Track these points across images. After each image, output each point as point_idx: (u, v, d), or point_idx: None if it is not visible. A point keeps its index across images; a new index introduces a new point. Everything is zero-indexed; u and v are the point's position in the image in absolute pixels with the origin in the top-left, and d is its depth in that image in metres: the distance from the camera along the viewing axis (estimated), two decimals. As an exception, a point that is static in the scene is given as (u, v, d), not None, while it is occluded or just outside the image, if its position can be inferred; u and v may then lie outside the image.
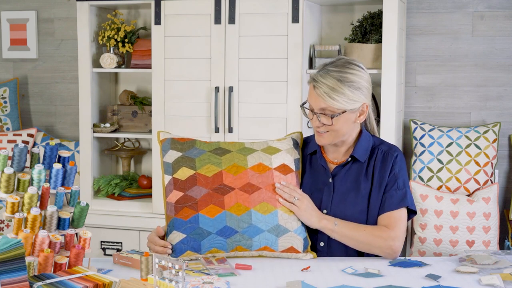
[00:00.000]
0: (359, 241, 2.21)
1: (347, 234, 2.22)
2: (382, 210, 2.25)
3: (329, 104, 2.17)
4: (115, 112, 4.02)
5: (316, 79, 2.20)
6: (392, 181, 2.27)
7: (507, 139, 3.82)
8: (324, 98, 2.17)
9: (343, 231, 2.22)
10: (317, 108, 2.21)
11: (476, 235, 3.48)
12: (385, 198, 2.26)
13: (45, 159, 2.04)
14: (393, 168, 2.28)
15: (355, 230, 2.22)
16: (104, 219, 3.81)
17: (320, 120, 2.21)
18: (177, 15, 3.66)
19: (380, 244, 2.20)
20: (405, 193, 2.26)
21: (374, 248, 2.22)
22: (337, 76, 2.18)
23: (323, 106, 2.19)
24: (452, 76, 3.87)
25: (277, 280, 1.99)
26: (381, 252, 2.22)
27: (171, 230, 2.19)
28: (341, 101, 2.17)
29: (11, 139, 4.19)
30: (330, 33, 3.91)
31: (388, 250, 2.21)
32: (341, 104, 2.18)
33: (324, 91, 2.17)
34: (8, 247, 1.68)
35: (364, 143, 2.32)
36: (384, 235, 2.20)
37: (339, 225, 2.22)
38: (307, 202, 2.23)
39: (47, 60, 4.48)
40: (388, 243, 2.20)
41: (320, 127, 2.23)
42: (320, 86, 2.18)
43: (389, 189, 2.26)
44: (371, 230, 2.22)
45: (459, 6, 3.83)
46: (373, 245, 2.21)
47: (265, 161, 2.28)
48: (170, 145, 2.32)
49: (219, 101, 3.61)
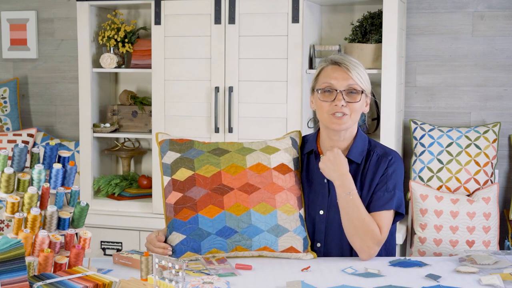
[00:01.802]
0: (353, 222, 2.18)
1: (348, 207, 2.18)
2: (368, 210, 2.24)
3: (356, 80, 2.23)
4: (115, 112, 4.02)
5: (337, 60, 2.27)
6: (383, 182, 2.26)
7: (507, 139, 3.82)
8: (352, 74, 2.23)
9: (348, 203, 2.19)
10: (345, 85, 2.24)
11: (476, 235, 3.48)
12: (373, 198, 2.25)
13: (45, 159, 2.04)
14: (386, 170, 2.27)
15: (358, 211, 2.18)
16: (104, 219, 3.81)
17: (345, 99, 2.23)
18: (177, 15, 3.66)
19: (365, 238, 2.18)
20: (393, 195, 2.24)
21: (356, 236, 2.18)
22: (355, 59, 2.29)
23: (351, 83, 2.24)
24: (452, 76, 3.87)
25: (277, 280, 2.00)
26: (359, 246, 2.19)
27: (170, 231, 2.19)
28: (364, 78, 2.27)
29: (11, 139, 4.19)
30: (330, 33, 3.91)
31: (365, 248, 2.19)
32: (364, 83, 2.26)
33: (353, 67, 2.24)
34: (8, 247, 1.68)
35: (360, 143, 2.31)
36: (373, 234, 2.18)
37: (351, 196, 2.19)
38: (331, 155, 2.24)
39: (47, 60, 4.48)
40: (370, 243, 2.19)
41: (344, 106, 2.23)
42: (347, 63, 2.24)
43: (377, 190, 2.25)
44: (369, 222, 2.19)
45: (459, 6, 3.83)
46: (359, 233, 2.18)
47: (264, 161, 2.28)
48: (169, 146, 2.32)
49: (219, 101, 3.61)
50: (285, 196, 2.24)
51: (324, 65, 2.30)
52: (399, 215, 2.29)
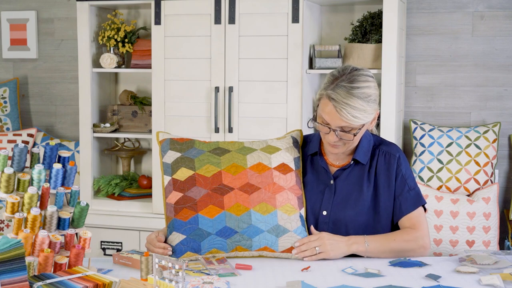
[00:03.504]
0: (393, 251, 2.22)
1: (381, 250, 2.21)
2: (401, 214, 2.27)
3: (351, 123, 2.15)
4: (115, 112, 4.02)
5: (337, 100, 2.12)
6: (402, 183, 2.28)
7: (507, 139, 3.82)
8: (347, 119, 2.13)
9: (376, 247, 2.21)
10: (336, 125, 2.17)
11: (476, 235, 3.48)
12: (400, 201, 2.27)
13: (45, 159, 2.04)
14: (400, 170, 2.29)
15: (387, 242, 2.21)
16: (104, 219, 3.81)
17: (338, 136, 2.18)
18: (177, 15, 3.66)
19: (413, 247, 2.23)
20: (418, 192, 2.29)
21: (408, 252, 2.23)
22: (358, 94, 2.13)
23: (344, 124, 2.16)
24: (452, 76, 3.87)
25: (277, 280, 1.99)
26: (415, 254, 2.24)
27: (170, 231, 2.19)
28: (362, 118, 2.15)
29: (11, 139, 4.19)
30: (330, 33, 3.91)
31: (421, 250, 2.24)
32: (362, 121, 2.16)
33: (349, 112, 2.12)
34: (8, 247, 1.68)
35: (365, 144, 2.32)
36: (413, 237, 2.23)
37: (369, 243, 2.21)
38: (327, 240, 2.19)
39: (47, 60, 4.48)
40: (420, 244, 2.23)
41: (337, 141, 2.21)
42: (344, 108, 2.12)
43: (401, 192, 2.27)
44: (401, 236, 2.23)
45: (459, 6, 3.83)
46: (407, 250, 2.23)
47: (265, 161, 2.28)
48: (169, 145, 2.31)
49: (219, 101, 3.61)
50: (285, 196, 2.24)
51: (323, 93, 2.19)
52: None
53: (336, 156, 2.33)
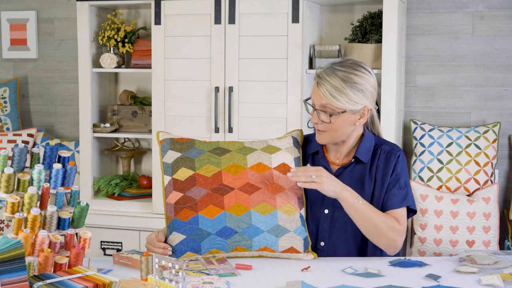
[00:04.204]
0: (372, 223, 2.20)
1: (364, 213, 2.19)
2: (385, 208, 2.26)
3: (330, 102, 2.19)
4: (115, 112, 4.02)
5: (320, 76, 2.22)
6: (395, 180, 2.28)
7: (507, 139, 3.82)
8: (325, 96, 2.19)
9: (362, 208, 2.19)
10: (318, 104, 2.23)
11: (476, 235, 3.48)
12: (388, 196, 2.27)
13: (45, 159, 2.04)
14: (396, 167, 2.29)
15: (372, 212, 2.21)
16: (104, 219, 3.81)
17: (320, 117, 2.23)
18: (177, 15, 3.66)
19: (388, 234, 2.20)
20: (407, 192, 2.28)
21: (381, 236, 2.21)
22: (341, 76, 2.20)
23: (324, 103, 2.21)
24: (452, 76, 3.87)
25: (277, 280, 1.99)
26: (385, 242, 2.22)
27: (171, 231, 2.19)
28: (342, 100, 2.19)
29: (11, 139, 4.19)
30: (330, 33, 3.91)
31: (392, 243, 2.22)
32: (341, 104, 2.19)
33: (327, 89, 2.19)
34: (8, 247, 1.68)
35: (367, 143, 2.32)
36: (393, 227, 2.22)
37: (360, 201, 2.20)
38: (326, 174, 2.19)
39: (47, 60, 4.48)
40: (395, 236, 2.21)
41: (318, 124, 2.25)
42: (323, 83, 2.20)
43: (391, 188, 2.27)
44: (385, 218, 2.22)
45: (459, 6, 3.83)
46: (382, 232, 2.20)
47: (265, 161, 2.28)
48: (169, 145, 2.32)
49: (219, 101, 3.61)
50: (285, 196, 2.24)
51: (315, 75, 2.29)
52: (411, 212, 2.32)
53: (336, 154, 2.34)
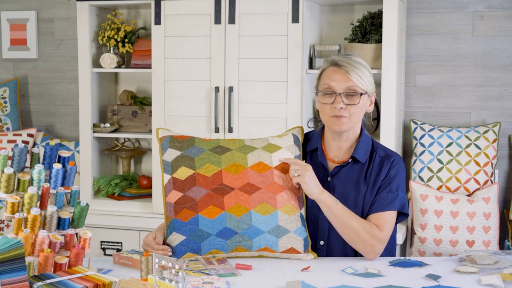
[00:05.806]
0: (349, 227, 2.19)
1: (342, 217, 2.19)
2: (371, 210, 2.26)
3: (356, 82, 2.22)
4: (115, 112, 4.02)
5: (339, 61, 2.26)
6: (386, 183, 2.28)
7: (507, 139, 3.82)
8: (351, 76, 2.22)
9: (339, 212, 2.20)
10: (344, 87, 2.23)
11: (476, 235, 3.48)
12: (376, 198, 2.26)
13: (45, 159, 2.04)
14: (389, 172, 2.29)
15: (350, 216, 2.20)
16: (104, 219, 3.81)
17: (344, 101, 2.23)
18: (177, 15, 3.66)
19: (366, 239, 2.19)
20: (396, 196, 2.26)
21: (358, 241, 2.20)
22: (358, 60, 2.27)
23: (350, 85, 2.23)
24: (452, 76, 3.87)
25: (277, 280, 1.99)
26: (363, 248, 2.20)
27: (170, 231, 2.18)
28: (365, 80, 2.25)
29: (11, 139, 4.19)
30: (330, 33, 3.91)
31: (369, 248, 2.20)
32: (365, 84, 2.25)
33: (352, 69, 2.22)
34: (8, 247, 1.68)
35: (364, 144, 2.33)
36: (372, 233, 2.20)
37: (338, 205, 2.20)
38: (310, 173, 2.20)
39: (47, 60, 4.48)
40: (373, 242, 2.19)
41: (343, 109, 2.23)
42: (346, 65, 2.23)
43: (381, 191, 2.27)
44: (364, 223, 2.21)
45: (459, 6, 3.83)
46: (360, 237, 2.19)
47: (265, 160, 2.27)
48: (169, 143, 2.30)
49: (219, 101, 3.61)
50: (286, 196, 2.23)
51: (325, 66, 2.30)
52: (402, 215, 2.30)
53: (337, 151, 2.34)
